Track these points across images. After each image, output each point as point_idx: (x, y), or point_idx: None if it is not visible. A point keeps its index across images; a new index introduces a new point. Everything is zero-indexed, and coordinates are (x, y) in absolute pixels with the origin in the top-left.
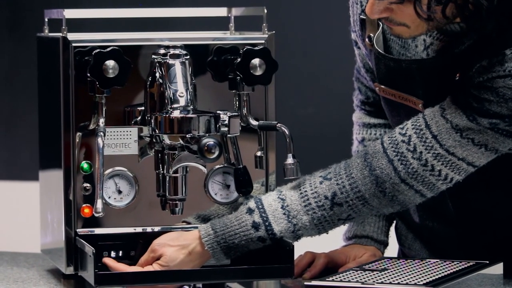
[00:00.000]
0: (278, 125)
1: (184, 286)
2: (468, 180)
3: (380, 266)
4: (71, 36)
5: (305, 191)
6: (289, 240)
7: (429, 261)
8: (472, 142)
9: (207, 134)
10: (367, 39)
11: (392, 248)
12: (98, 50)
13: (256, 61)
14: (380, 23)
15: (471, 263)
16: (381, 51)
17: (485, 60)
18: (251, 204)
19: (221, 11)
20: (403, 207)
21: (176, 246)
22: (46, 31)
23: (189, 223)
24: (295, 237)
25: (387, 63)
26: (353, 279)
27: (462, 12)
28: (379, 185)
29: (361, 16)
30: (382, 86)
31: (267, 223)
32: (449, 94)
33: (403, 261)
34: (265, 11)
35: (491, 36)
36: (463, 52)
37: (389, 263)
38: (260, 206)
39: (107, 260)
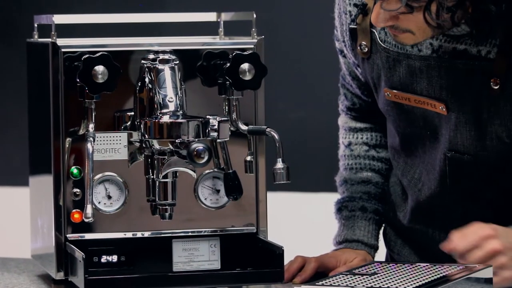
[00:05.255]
0: (268, 129)
1: None
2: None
3: (370, 270)
4: (60, 41)
5: None
6: None
7: (419, 265)
8: None
9: (196, 139)
10: (359, 48)
11: (382, 253)
12: (87, 55)
13: (245, 66)
14: (374, 31)
15: (460, 267)
16: (403, 51)
17: None
18: None
19: (211, 16)
20: None
21: None
22: (36, 36)
23: None
24: None
25: (411, 63)
26: (342, 283)
27: (471, 18)
28: None
29: (350, 26)
30: (394, 91)
31: None
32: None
33: (393, 265)
34: (254, 16)
35: None
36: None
37: (379, 267)
38: None
39: None
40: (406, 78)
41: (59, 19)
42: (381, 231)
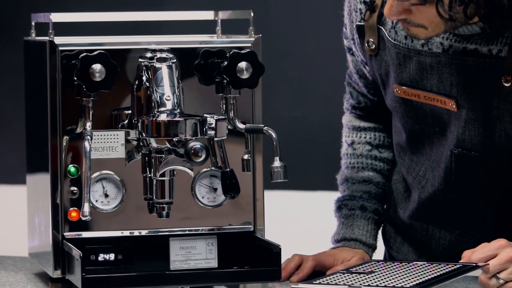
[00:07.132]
0: (265, 128)
1: None
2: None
3: (367, 269)
4: (58, 39)
5: None
6: None
7: (416, 263)
8: None
9: (194, 138)
10: (366, 44)
11: (380, 252)
12: (84, 53)
13: (242, 64)
14: (381, 28)
15: (458, 266)
16: (414, 48)
17: None
18: None
19: (208, 15)
20: None
21: None
22: (33, 34)
23: None
24: None
25: (422, 60)
26: (339, 281)
27: (484, 12)
28: None
29: (357, 23)
30: (404, 87)
31: None
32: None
33: (390, 264)
34: (252, 14)
35: None
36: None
37: (376, 265)
38: None
39: None
40: (416, 75)
41: (57, 17)
42: (380, 229)
